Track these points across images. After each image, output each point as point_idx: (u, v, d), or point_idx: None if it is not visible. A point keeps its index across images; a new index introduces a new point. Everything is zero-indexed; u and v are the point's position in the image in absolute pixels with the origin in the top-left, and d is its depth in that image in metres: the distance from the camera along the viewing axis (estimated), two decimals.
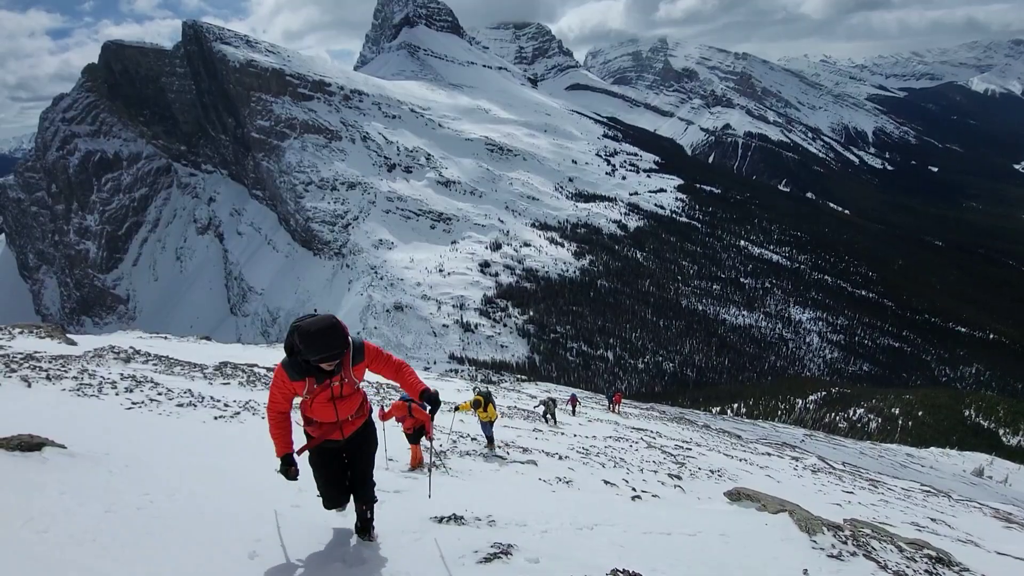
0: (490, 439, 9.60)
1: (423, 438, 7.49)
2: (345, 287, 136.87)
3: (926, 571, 4.26)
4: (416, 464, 7.40)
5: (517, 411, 17.94)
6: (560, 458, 10.07)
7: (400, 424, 7.47)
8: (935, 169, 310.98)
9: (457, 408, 9.63)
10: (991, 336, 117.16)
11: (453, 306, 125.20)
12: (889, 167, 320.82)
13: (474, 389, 9.80)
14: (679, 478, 10.49)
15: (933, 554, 5.00)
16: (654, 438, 17.17)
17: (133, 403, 7.64)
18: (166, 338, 21.08)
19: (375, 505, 3.82)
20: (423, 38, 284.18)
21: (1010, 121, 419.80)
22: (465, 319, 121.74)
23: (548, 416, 16.50)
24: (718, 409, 65.04)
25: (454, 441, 9.78)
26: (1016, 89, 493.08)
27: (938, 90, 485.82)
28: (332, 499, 3.76)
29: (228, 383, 11.06)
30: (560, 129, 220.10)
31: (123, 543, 3.01)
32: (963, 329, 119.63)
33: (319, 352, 3.13)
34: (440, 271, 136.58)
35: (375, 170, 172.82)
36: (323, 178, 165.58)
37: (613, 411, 26.68)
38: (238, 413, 8.12)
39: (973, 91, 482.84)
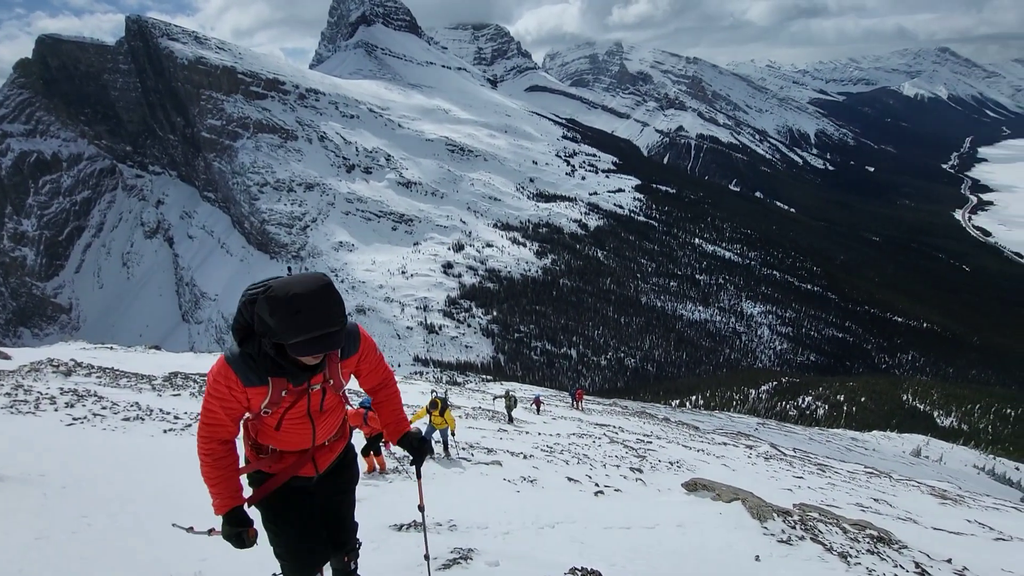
0: (444, 445, 9.15)
1: (382, 446, 7.37)
2: None
3: (868, 550, 4.49)
4: (373, 469, 7.27)
5: (482, 412, 17.92)
6: (525, 457, 10.12)
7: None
8: (872, 169, 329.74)
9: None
10: (924, 325, 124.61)
11: (417, 308, 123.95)
12: (830, 167, 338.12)
13: (432, 392, 9.49)
14: (640, 471, 10.71)
15: (875, 534, 5.29)
16: (616, 433, 17.46)
17: (74, 419, 7.23)
18: (112, 348, 20.05)
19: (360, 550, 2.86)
20: (381, 37, 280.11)
21: (937, 124, 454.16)
22: (429, 321, 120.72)
23: (507, 411, 16.55)
24: (677, 402, 66.66)
25: None
26: (943, 94, 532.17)
27: (873, 94, 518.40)
28: (304, 564, 2.53)
29: (179, 394, 10.62)
30: (520, 130, 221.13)
31: (54, 572, 2.83)
32: (899, 319, 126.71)
33: (312, 332, 1.95)
34: (403, 273, 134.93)
35: (334, 171, 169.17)
36: (279, 179, 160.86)
37: (576, 408, 27.00)
38: (189, 425, 7.81)
39: (905, 95, 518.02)
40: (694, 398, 73.28)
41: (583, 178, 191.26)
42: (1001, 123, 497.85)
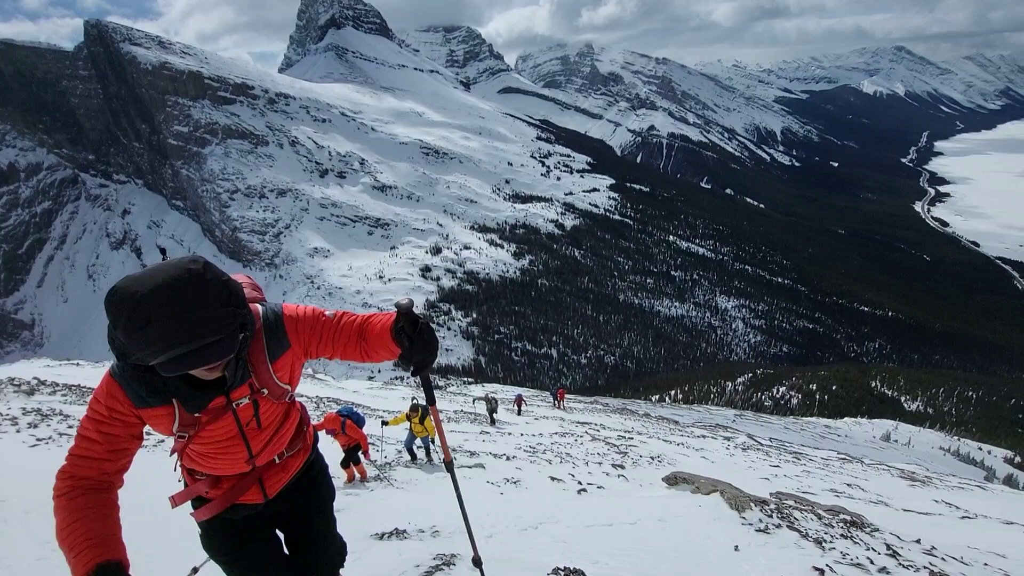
0: (427, 451, 9.07)
1: (360, 454, 7.24)
2: (279, 299, 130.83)
3: (842, 535, 4.61)
4: (353, 479, 7.14)
5: (464, 415, 17.86)
6: (508, 459, 10.12)
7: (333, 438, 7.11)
8: (835, 164, 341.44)
9: (385, 424, 8.66)
10: (889, 314, 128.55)
11: None
12: (796, 163, 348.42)
13: (412, 398, 9.23)
14: (622, 467, 10.81)
15: (848, 518, 5.44)
16: (598, 430, 17.58)
17: (38, 440, 6.97)
18: (78, 365, 19.37)
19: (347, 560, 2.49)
20: (351, 40, 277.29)
21: (896, 119, 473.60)
22: None
23: (491, 414, 16.54)
24: (657, 397, 67.48)
25: (399, 451, 9.60)
26: (900, 91, 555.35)
27: (835, 92, 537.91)
28: None
29: None
30: (495, 132, 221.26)
31: None
32: (866, 308, 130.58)
33: (171, 350, 1.36)
34: (380, 278, 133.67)
35: (306, 176, 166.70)
36: (250, 186, 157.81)
37: (558, 407, 27.11)
38: (162, 441, 7.60)
39: (864, 93, 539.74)
40: (673, 393, 74.26)
41: (558, 178, 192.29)
42: (955, 118, 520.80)
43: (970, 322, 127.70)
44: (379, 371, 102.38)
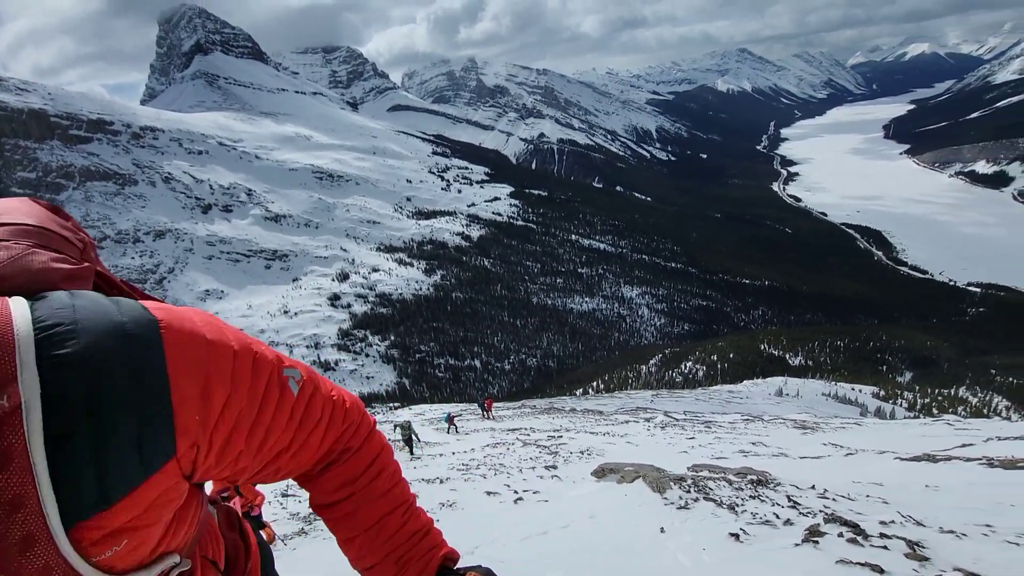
0: None
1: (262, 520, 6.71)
2: None
3: (751, 496, 5.06)
4: (272, 539, 6.64)
5: (392, 443, 17.29)
6: (441, 482, 9.98)
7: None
8: (704, 156, 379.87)
9: None
10: (766, 283, 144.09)
11: (307, 347, 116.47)
12: (672, 158, 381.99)
13: None
14: (555, 467, 11.04)
15: (755, 478, 5.98)
16: (528, 434, 17.82)
17: None
18: None
19: None
20: (222, 66, 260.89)
21: (748, 112, 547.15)
22: (323, 358, 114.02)
23: (406, 443, 14.98)
24: (581, 391, 69.59)
25: None
26: (748, 87, 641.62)
27: (695, 92, 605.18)
28: None
29: None
30: (389, 150, 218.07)
31: None
32: (747, 281, 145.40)
33: None
34: (285, 312, 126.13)
35: (187, 213, 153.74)
36: (120, 230, 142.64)
37: (487, 418, 27.12)
38: None
39: (719, 91, 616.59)
40: (595, 384, 77.05)
41: (459, 191, 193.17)
42: (793, 107, 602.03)
43: (829, 282, 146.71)
44: None
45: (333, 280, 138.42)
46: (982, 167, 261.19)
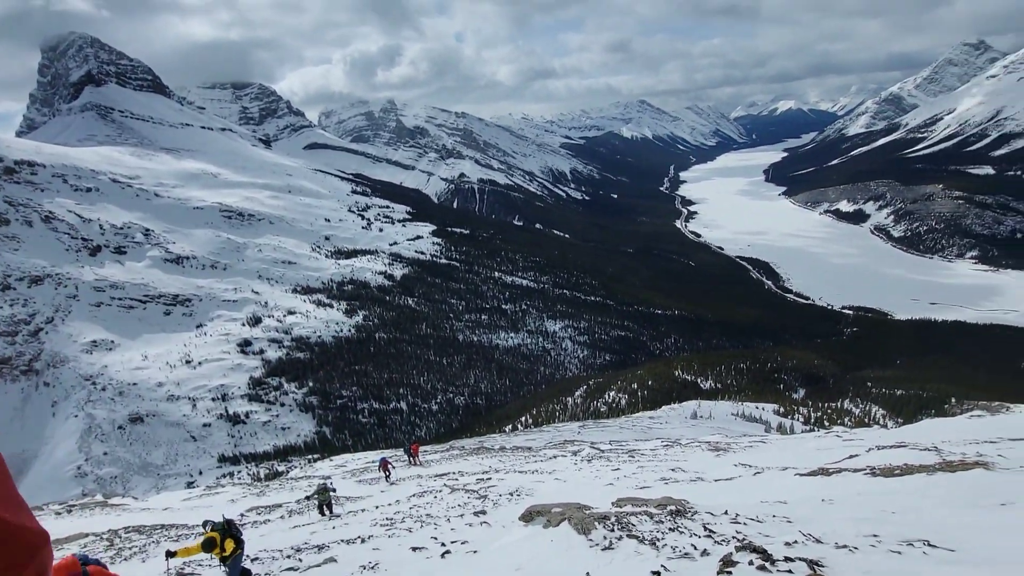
0: (245, 573, 7.70)
1: None
2: (48, 413, 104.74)
3: (670, 528, 5.22)
4: None
5: (308, 504, 16.15)
6: (363, 540, 9.40)
7: None
8: (615, 196, 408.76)
9: (173, 554, 6.96)
10: (676, 312, 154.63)
11: (213, 399, 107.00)
12: (587, 197, 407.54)
13: (204, 524, 7.42)
14: (484, 513, 10.78)
15: (674, 508, 6.18)
16: (456, 479, 17.34)
17: None
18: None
19: None
20: (116, 98, 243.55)
21: (650, 157, 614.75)
22: (232, 410, 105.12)
23: (323, 508, 13.99)
24: (510, 427, 69.27)
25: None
26: (649, 134, 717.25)
27: (603, 138, 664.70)
28: None
29: None
30: (305, 188, 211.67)
31: None
32: (659, 311, 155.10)
33: None
34: (187, 362, 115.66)
35: (70, 256, 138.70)
36: None
37: (414, 463, 26.12)
38: None
39: (625, 137, 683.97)
40: (524, 419, 77.03)
41: (380, 230, 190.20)
42: (689, 153, 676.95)
43: (730, 310, 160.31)
44: (200, 473, 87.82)
45: (243, 325, 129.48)
46: (844, 206, 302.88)
